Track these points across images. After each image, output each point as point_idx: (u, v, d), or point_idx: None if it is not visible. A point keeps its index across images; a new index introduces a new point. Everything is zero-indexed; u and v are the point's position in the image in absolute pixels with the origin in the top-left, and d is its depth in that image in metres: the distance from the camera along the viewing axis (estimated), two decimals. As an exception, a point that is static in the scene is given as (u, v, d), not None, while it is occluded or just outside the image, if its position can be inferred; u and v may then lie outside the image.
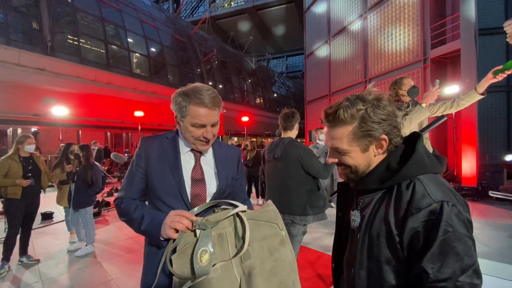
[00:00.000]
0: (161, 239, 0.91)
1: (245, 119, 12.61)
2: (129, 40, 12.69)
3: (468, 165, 6.53)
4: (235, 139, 16.54)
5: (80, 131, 12.34)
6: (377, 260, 0.68)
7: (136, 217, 0.99)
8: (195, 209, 0.97)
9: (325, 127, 0.79)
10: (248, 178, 6.24)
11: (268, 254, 0.85)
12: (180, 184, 1.03)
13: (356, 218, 0.77)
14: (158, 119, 12.19)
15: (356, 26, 10.97)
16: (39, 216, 4.76)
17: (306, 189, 2.05)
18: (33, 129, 10.53)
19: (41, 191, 3.40)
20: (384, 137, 0.71)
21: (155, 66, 13.79)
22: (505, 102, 8.09)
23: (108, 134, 14.92)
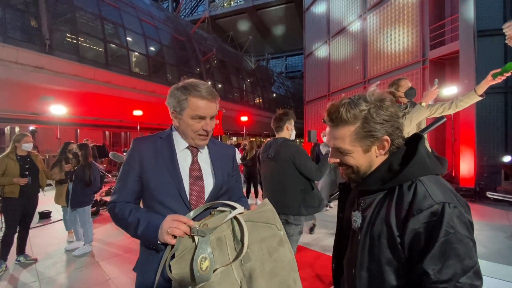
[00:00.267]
0: (159, 243, 0.90)
1: (244, 119, 12.59)
2: (128, 39, 12.63)
3: (466, 166, 6.56)
4: (234, 138, 16.51)
5: (78, 130, 12.29)
6: (378, 261, 0.68)
7: (131, 221, 0.95)
8: (191, 213, 0.95)
9: (327, 126, 0.79)
10: (247, 178, 6.24)
11: (268, 255, 0.84)
12: (179, 182, 1.01)
13: (357, 219, 0.77)
14: (157, 118, 12.15)
15: (355, 26, 10.98)
16: (37, 215, 4.74)
17: (300, 189, 2.05)
18: (31, 127, 10.48)
19: (40, 190, 3.39)
20: (386, 138, 0.71)
21: (154, 65, 13.74)
22: (503, 103, 8.13)
23: (107, 133, 14.88)
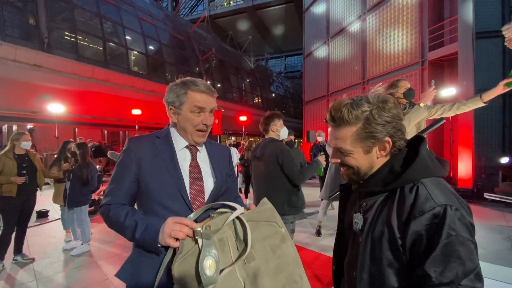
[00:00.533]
0: (159, 245, 0.88)
1: (243, 118, 12.57)
2: (127, 37, 12.58)
3: (464, 167, 6.59)
4: (233, 138, 16.49)
5: (76, 129, 12.24)
6: (379, 263, 0.68)
7: (128, 224, 0.92)
8: (192, 215, 0.94)
9: (329, 126, 0.78)
10: (246, 178, 6.24)
11: (271, 252, 0.84)
12: (179, 182, 1.00)
13: (358, 220, 0.76)
14: (156, 117, 12.12)
15: (355, 27, 11.00)
16: (34, 215, 4.71)
17: (285, 189, 2.09)
18: (29, 126, 10.43)
19: (37, 189, 3.37)
20: (388, 139, 0.71)
21: (153, 64, 13.70)
22: (501, 105, 8.19)
23: (105, 132, 14.84)
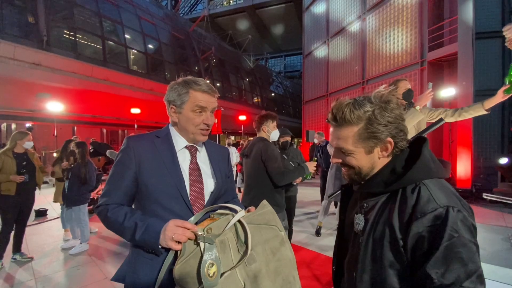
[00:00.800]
0: (159, 247, 0.87)
1: (242, 118, 12.57)
2: (127, 36, 12.54)
3: (463, 168, 6.60)
4: (232, 137, 16.49)
5: (75, 128, 12.21)
6: (380, 264, 0.68)
7: (128, 225, 0.90)
8: (192, 218, 0.94)
9: (330, 126, 0.78)
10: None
11: (272, 255, 0.86)
12: (180, 182, 0.99)
13: (360, 221, 0.76)
14: (155, 116, 12.10)
15: (354, 27, 11.00)
16: (33, 213, 4.71)
17: (270, 187, 2.12)
18: (28, 124, 10.39)
19: (36, 188, 3.36)
20: (390, 140, 0.71)
21: (153, 63, 13.66)
22: (500, 106, 8.20)
23: (104, 130, 14.80)
